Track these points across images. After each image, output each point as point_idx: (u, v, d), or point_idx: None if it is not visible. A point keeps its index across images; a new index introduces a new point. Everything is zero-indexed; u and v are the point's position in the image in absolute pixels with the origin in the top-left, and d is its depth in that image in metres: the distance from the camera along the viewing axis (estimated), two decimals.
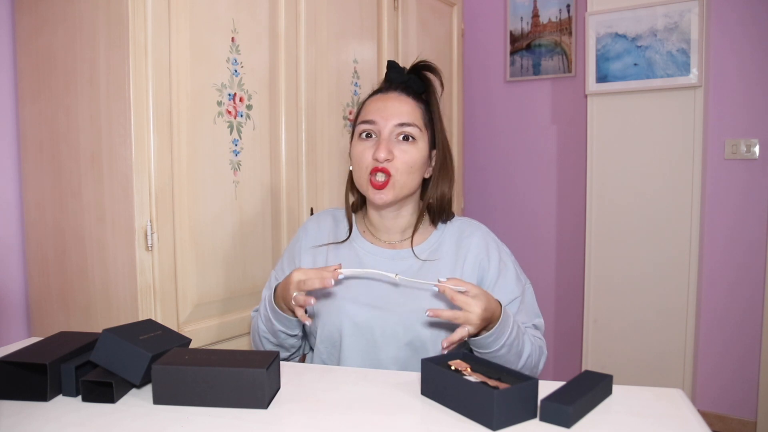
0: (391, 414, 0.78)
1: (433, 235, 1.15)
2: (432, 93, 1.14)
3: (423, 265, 1.11)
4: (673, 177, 2.28)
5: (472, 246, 1.13)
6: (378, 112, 1.08)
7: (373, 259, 1.13)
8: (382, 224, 1.15)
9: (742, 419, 2.41)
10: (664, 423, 0.75)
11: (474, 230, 1.16)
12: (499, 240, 1.18)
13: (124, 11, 1.17)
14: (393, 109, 1.08)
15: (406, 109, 1.08)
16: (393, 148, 1.06)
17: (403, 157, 1.06)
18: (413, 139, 1.07)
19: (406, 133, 1.07)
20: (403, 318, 1.06)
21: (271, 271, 1.24)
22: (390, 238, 1.15)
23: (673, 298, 2.30)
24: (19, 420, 0.77)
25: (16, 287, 1.43)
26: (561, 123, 2.82)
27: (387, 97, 1.10)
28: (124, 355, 0.84)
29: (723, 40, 2.35)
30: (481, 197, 3.02)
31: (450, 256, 1.12)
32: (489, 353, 1.00)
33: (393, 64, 1.15)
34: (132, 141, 1.19)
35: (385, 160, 1.04)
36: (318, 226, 1.20)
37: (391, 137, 1.07)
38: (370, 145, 1.07)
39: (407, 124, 1.07)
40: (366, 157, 1.07)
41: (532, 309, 1.14)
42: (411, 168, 1.07)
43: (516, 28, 2.87)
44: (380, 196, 1.06)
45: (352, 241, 1.16)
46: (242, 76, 1.43)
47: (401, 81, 1.13)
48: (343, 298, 1.09)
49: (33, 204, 1.39)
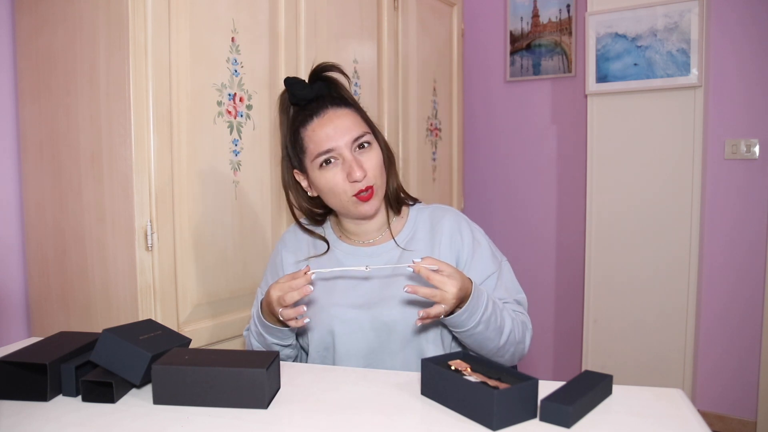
0: (391, 414, 0.78)
1: (407, 225, 1.17)
2: (344, 90, 1.13)
3: (402, 255, 1.13)
4: (673, 177, 2.28)
5: (445, 228, 1.14)
6: (329, 139, 1.05)
7: (354, 260, 1.14)
8: (359, 229, 1.16)
9: (742, 419, 2.41)
10: (664, 423, 0.75)
11: (444, 213, 1.17)
12: (470, 220, 1.19)
13: (124, 11, 1.17)
14: (339, 128, 1.05)
15: (348, 120, 1.07)
16: (361, 161, 1.06)
17: (369, 163, 1.07)
18: (369, 144, 1.08)
19: (361, 142, 1.07)
20: (390, 312, 1.07)
21: (257, 289, 1.22)
22: (367, 238, 1.17)
23: (673, 298, 2.30)
24: (19, 420, 0.77)
25: (16, 287, 1.43)
26: (561, 123, 2.82)
27: (323, 120, 1.06)
28: (124, 355, 0.84)
29: (723, 40, 2.35)
30: (481, 197, 3.02)
31: (425, 242, 1.14)
32: (466, 331, 1.00)
33: (292, 81, 1.10)
34: (132, 141, 1.19)
35: (363, 177, 1.05)
36: (296, 237, 1.21)
37: (353, 153, 1.06)
38: (339, 170, 1.06)
39: (359, 135, 1.06)
40: (339, 182, 1.06)
41: (512, 285, 1.15)
42: (380, 169, 1.09)
43: (516, 28, 2.87)
44: (370, 207, 1.07)
45: (332, 246, 1.17)
46: (242, 76, 1.43)
47: (311, 95, 1.09)
48: (330, 305, 1.10)
49: (33, 204, 1.39)
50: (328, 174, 1.06)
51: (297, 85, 1.09)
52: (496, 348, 1.04)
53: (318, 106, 1.08)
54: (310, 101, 1.10)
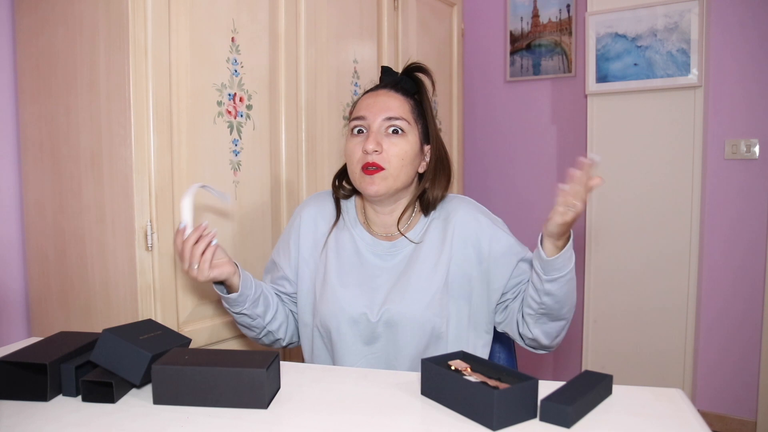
0: (391, 414, 0.78)
1: (422, 220, 1.18)
2: (424, 93, 1.18)
3: (415, 249, 1.14)
4: (673, 177, 2.28)
5: (458, 221, 1.15)
6: (368, 108, 1.11)
7: (370, 250, 1.16)
8: (377, 218, 1.18)
9: (742, 419, 2.41)
10: (664, 423, 0.75)
11: (458, 204, 1.18)
12: (485, 208, 1.20)
13: (124, 11, 1.17)
14: (382, 104, 1.11)
15: (395, 103, 1.12)
16: (382, 141, 1.09)
17: (392, 149, 1.09)
18: (402, 132, 1.10)
19: (394, 126, 1.10)
20: (396, 303, 1.09)
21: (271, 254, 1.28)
22: (385, 231, 1.18)
23: (673, 298, 2.30)
24: (19, 420, 0.77)
25: (16, 287, 1.43)
26: (561, 123, 2.82)
27: (377, 94, 1.14)
28: (124, 355, 0.84)
29: (723, 40, 2.35)
30: (481, 197, 3.02)
31: (437, 236, 1.15)
32: (564, 276, 1.02)
33: (387, 70, 1.20)
34: (132, 141, 1.19)
35: (373, 151, 1.07)
36: (318, 208, 1.23)
37: (380, 131, 1.10)
38: (361, 140, 1.11)
39: (395, 117, 1.10)
40: (357, 151, 1.10)
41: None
42: (402, 160, 1.10)
43: (516, 28, 2.87)
44: (372, 185, 1.08)
45: (352, 227, 1.19)
46: (242, 76, 1.43)
47: (394, 82, 1.17)
48: (338, 285, 1.13)
49: (33, 204, 1.39)
50: (353, 141, 1.12)
51: (388, 73, 1.20)
52: (572, 305, 1.09)
53: (380, 85, 1.17)
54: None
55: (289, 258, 1.21)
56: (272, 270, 1.25)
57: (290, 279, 1.21)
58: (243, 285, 1.09)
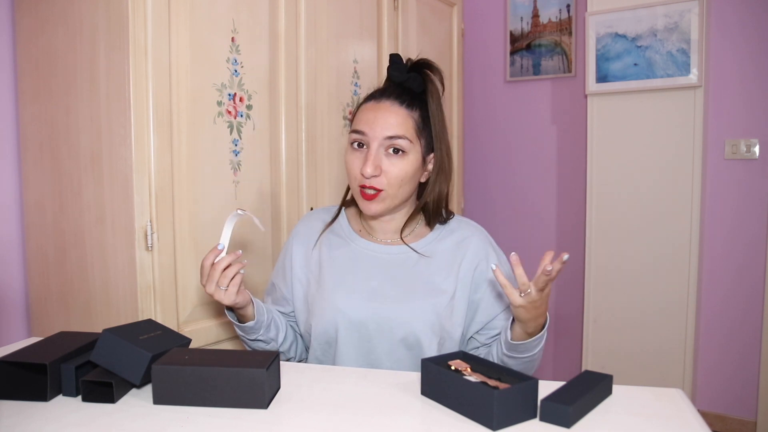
0: (391, 414, 0.78)
1: (431, 236, 1.16)
2: (431, 92, 1.12)
3: (419, 261, 1.12)
4: (673, 177, 2.28)
5: (471, 247, 1.13)
6: (368, 123, 1.07)
7: (370, 256, 1.14)
8: (378, 225, 1.17)
9: (742, 419, 2.41)
10: (664, 423, 0.75)
11: (474, 232, 1.16)
12: (496, 245, 1.19)
13: (124, 11, 1.17)
14: (382, 120, 1.06)
15: (397, 120, 1.06)
16: (381, 162, 1.06)
17: (392, 170, 1.06)
18: (403, 152, 1.06)
19: (395, 146, 1.06)
20: (398, 313, 1.08)
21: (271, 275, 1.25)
22: (385, 237, 1.17)
23: (673, 298, 2.30)
24: (19, 420, 0.77)
25: (16, 287, 1.43)
26: (561, 123, 2.82)
27: (378, 107, 1.08)
28: (124, 355, 0.84)
29: (723, 40, 2.35)
30: (481, 197, 3.02)
31: (447, 255, 1.13)
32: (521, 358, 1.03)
33: (395, 59, 1.14)
34: (132, 141, 1.19)
35: (371, 176, 1.05)
36: (309, 225, 1.22)
37: (380, 150, 1.06)
38: (360, 156, 1.07)
39: (397, 137, 1.06)
40: (355, 168, 1.08)
41: None
42: (401, 180, 1.07)
43: (516, 28, 2.87)
44: (370, 207, 1.08)
45: (349, 240, 1.17)
46: (242, 76, 1.43)
47: (401, 80, 1.12)
48: (335, 291, 1.11)
49: (33, 204, 1.39)
50: (352, 155, 1.09)
51: (396, 64, 1.13)
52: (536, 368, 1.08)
53: (384, 92, 1.11)
54: (393, 83, 1.13)
55: (285, 278, 1.21)
56: (272, 292, 1.25)
57: (288, 299, 1.21)
58: (257, 312, 1.09)
